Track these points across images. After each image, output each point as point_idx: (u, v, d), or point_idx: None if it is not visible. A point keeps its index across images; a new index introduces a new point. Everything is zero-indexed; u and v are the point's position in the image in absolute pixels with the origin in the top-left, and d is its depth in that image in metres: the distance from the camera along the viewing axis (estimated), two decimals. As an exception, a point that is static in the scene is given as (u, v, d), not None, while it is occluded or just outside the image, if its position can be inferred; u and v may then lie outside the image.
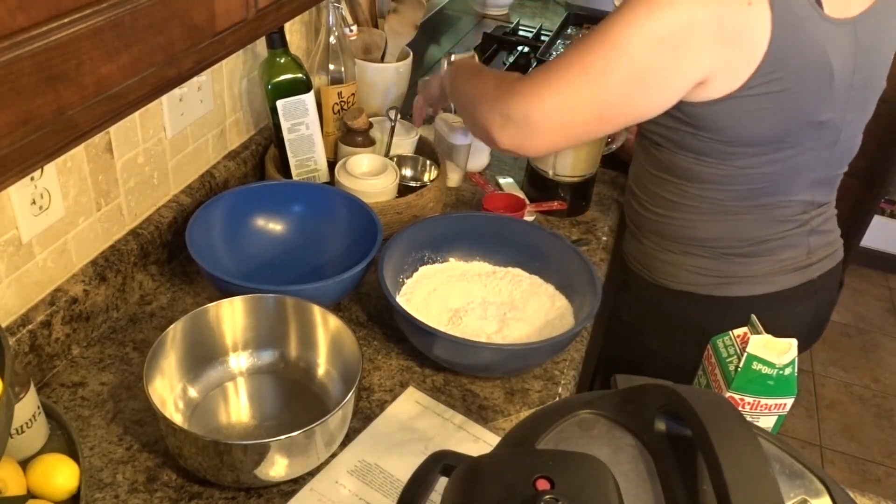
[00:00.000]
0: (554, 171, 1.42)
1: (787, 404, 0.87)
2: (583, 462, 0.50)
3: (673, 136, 1.08)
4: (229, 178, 1.31)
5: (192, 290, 1.18)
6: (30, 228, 0.94)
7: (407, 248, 1.17)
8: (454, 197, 1.47)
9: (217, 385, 1.01)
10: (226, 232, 1.18)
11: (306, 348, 1.03)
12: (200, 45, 0.65)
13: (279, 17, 0.79)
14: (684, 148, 1.08)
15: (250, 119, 1.38)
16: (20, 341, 0.95)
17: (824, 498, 0.56)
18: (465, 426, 1.01)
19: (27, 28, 0.47)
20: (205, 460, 0.85)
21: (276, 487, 0.90)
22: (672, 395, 0.54)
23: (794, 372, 0.85)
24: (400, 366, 1.09)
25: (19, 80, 0.47)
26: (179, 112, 1.16)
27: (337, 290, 1.09)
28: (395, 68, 1.51)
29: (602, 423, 0.58)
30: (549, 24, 2.26)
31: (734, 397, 0.87)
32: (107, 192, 1.06)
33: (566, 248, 1.16)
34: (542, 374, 1.10)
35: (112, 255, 1.08)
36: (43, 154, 0.53)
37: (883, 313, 3.09)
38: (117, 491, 0.89)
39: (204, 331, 0.99)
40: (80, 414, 0.97)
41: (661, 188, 1.16)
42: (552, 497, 0.46)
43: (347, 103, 1.37)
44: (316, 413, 0.88)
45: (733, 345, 0.88)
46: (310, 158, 1.32)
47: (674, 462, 0.53)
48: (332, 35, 1.33)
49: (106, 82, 0.55)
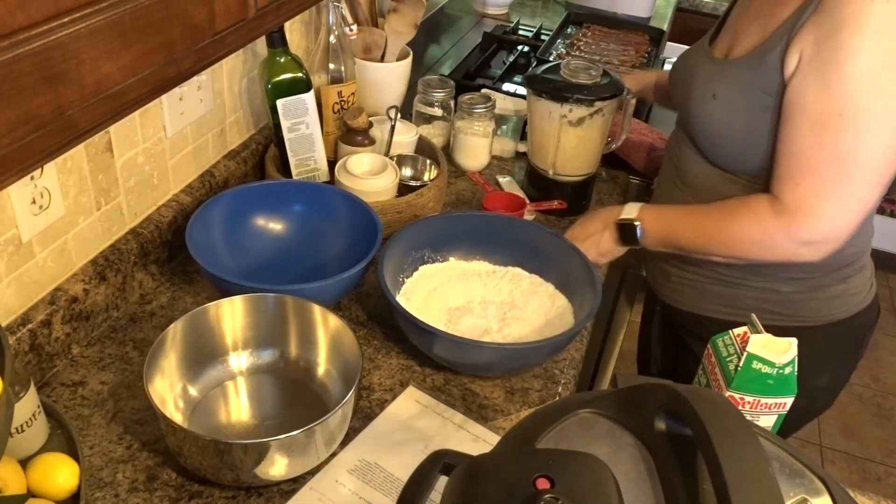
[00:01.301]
0: (554, 170, 1.42)
1: (787, 403, 0.87)
2: (583, 461, 0.50)
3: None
4: (229, 178, 1.31)
5: (192, 289, 1.18)
6: (30, 227, 0.94)
7: (407, 248, 1.17)
8: (454, 196, 1.47)
9: (217, 384, 1.01)
10: (226, 231, 1.18)
11: (306, 348, 1.03)
12: (200, 44, 0.65)
13: (279, 17, 0.79)
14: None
15: (250, 118, 1.38)
16: (20, 340, 0.95)
17: (824, 497, 0.56)
18: (465, 425, 1.01)
19: (27, 27, 0.47)
20: (205, 459, 0.85)
21: (277, 487, 0.90)
22: (672, 394, 0.54)
23: (794, 371, 0.85)
24: (400, 365, 1.09)
25: (19, 80, 0.47)
26: (179, 111, 1.16)
27: (337, 290, 1.09)
28: (395, 68, 1.51)
29: (602, 422, 0.58)
30: (549, 24, 2.25)
31: (734, 396, 0.87)
32: (107, 192, 1.06)
33: (566, 248, 1.16)
34: (542, 374, 1.10)
35: (112, 255, 1.08)
36: (43, 153, 0.53)
37: (883, 313, 3.07)
38: (117, 490, 0.89)
39: (204, 330, 0.99)
40: (80, 413, 0.97)
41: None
42: (552, 496, 0.46)
43: (347, 102, 1.37)
44: (316, 412, 0.88)
45: (733, 344, 0.88)
46: (310, 158, 1.32)
47: (674, 462, 0.53)
48: (332, 34, 1.33)
49: (106, 82, 0.55)
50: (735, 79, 1.09)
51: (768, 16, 1.07)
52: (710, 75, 1.14)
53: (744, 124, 1.08)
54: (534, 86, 1.37)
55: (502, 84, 1.84)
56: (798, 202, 1.01)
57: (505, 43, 2.10)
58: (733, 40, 1.15)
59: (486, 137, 1.52)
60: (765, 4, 1.09)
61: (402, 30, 1.49)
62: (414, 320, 1.01)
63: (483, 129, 1.51)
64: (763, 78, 1.04)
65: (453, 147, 1.55)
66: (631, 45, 2.07)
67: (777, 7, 1.06)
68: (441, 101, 1.56)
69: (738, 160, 1.12)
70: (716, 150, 1.14)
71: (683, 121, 1.22)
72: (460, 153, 1.54)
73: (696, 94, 1.15)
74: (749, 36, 1.10)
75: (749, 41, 1.10)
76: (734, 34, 1.15)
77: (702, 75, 1.16)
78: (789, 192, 1.02)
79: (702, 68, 1.17)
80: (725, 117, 1.10)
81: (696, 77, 1.17)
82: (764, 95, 1.05)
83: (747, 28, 1.11)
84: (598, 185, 1.52)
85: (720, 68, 1.13)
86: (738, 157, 1.12)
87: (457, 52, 2.07)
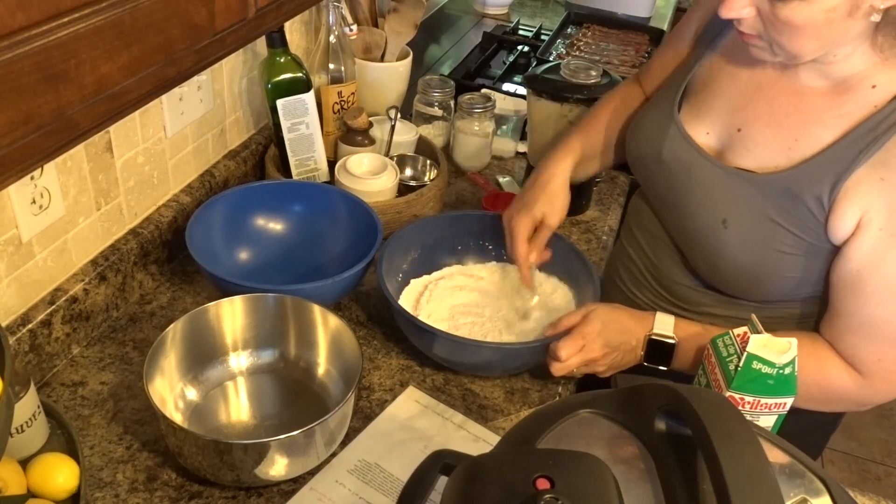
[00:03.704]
0: (554, 170, 1.42)
1: (787, 403, 0.87)
2: (583, 461, 0.50)
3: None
4: (229, 178, 1.31)
5: (191, 289, 1.18)
6: (30, 227, 0.94)
7: (407, 247, 1.17)
8: (454, 196, 1.47)
9: (217, 384, 1.01)
10: (226, 231, 1.18)
11: (306, 348, 1.03)
12: (200, 44, 0.65)
13: (279, 17, 0.79)
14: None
15: (250, 118, 1.38)
16: (20, 340, 0.95)
17: (824, 497, 0.56)
18: (465, 425, 1.01)
19: (27, 27, 0.47)
20: (205, 460, 0.85)
21: (277, 487, 0.90)
22: (672, 394, 0.54)
23: (794, 371, 0.85)
24: (400, 365, 1.09)
25: (19, 80, 0.47)
26: (179, 111, 1.16)
27: (337, 290, 1.09)
28: (395, 68, 1.51)
29: (602, 422, 0.58)
30: (549, 24, 2.25)
31: (734, 397, 0.87)
32: (107, 192, 1.06)
33: (567, 248, 1.16)
34: (542, 374, 1.10)
35: (112, 255, 1.08)
36: (43, 153, 0.53)
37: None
38: (117, 490, 0.89)
39: (204, 330, 0.99)
40: (80, 413, 0.97)
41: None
42: (552, 496, 0.46)
43: (347, 103, 1.37)
44: (316, 412, 0.88)
45: (733, 344, 0.88)
46: (310, 158, 1.32)
47: (674, 462, 0.53)
48: (332, 34, 1.33)
49: (106, 82, 0.55)
50: (753, 209, 0.93)
51: (794, 129, 0.92)
52: (712, 190, 0.97)
53: (761, 262, 0.94)
54: (534, 86, 1.37)
55: (502, 84, 1.85)
56: (882, 373, 0.92)
57: (505, 43, 2.10)
58: (727, 133, 0.98)
59: (486, 137, 1.52)
60: (783, 106, 0.94)
61: (402, 30, 1.49)
62: (414, 320, 1.01)
63: (483, 129, 1.51)
64: (793, 217, 0.91)
65: (453, 147, 1.55)
66: (631, 45, 2.07)
67: (807, 124, 0.91)
68: (441, 101, 1.56)
69: (745, 291, 1.00)
70: (719, 279, 1.01)
71: (672, 230, 1.06)
72: (460, 153, 1.54)
73: (699, 213, 0.98)
74: (761, 146, 0.94)
75: (763, 154, 0.94)
76: (726, 124, 0.98)
77: (702, 185, 0.98)
78: (870, 362, 0.92)
79: (700, 172, 0.98)
80: (741, 254, 0.95)
81: (694, 183, 0.98)
82: (794, 238, 0.91)
83: (755, 131, 0.95)
84: (598, 186, 1.52)
85: (727, 185, 0.95)
86: (745, 289, 0.99)
87: (457, 52, 2.07)
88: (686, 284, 1.07)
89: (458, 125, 1.52)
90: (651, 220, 1.10)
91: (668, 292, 1.09)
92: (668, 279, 1.09)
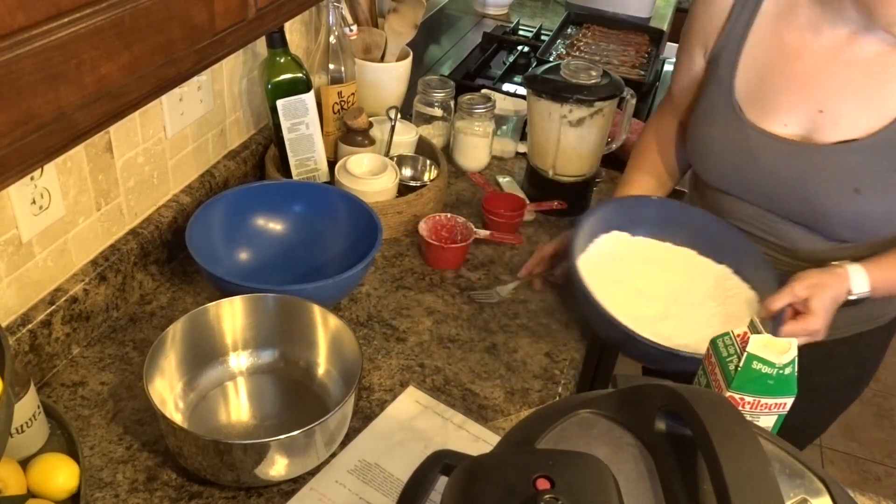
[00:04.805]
0: (554, 170, 1.42)
1: (787, 404, 0.87)
2: (583, 462, 0.50)
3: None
4: (229, 178, 1.31)
5: (191, 289, 1.18)
6: (30, 228, 0.94)
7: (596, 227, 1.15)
8: (454, 196, 1.47)
9: (217, 385, 1.01)
10: (226, 231, 1.18)
11: (306, 348, 1.03)
12: (200, 44, 0.65)
13: (279, 17, 0.79)
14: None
15: (250, 119, 1.38)
16: (20, 341, 0.95)
17: (824, 498, 0.56)
18: (465, 426, 1.01)
19: (27, 27, 0.47)
20: (205, 460, 0.85)
21: (277, 487, 0.90)
22: (672, 394, 0.54)
23: (794, 371, 0.85)
24: (400, 365, 1.09)
25: (19, 80, 0.47)
26: (179, 112, 1.16)
27: (337, 290, 1.09)
28: (395, 68, 1.51)
29: (602, 422, 0.58)
30: (549, 24, 2.25)
31: (734, 397, 0.87)
32: (107, 192, 1.06)
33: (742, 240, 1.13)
34: (542, 374, 1.10)
35: (112, 255, 1.08)
36: (43, 154, 0.53)
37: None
38: (117, 490, 0.89)
39: (204, 330, 0.99)
40: (80, 413, 0.97)
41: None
42: (552, 496, 0.46)
43: (347, 103, 1.37)
44: (316, 413, 0.88)
45: (733, 344, 0.88)
46: (310, 158, 1.32)
47: (674, 462, 0.53)
48: (332, 35, 1.33)
49: (106, 82, 0.55)
50: (877, 169, 1.02)
51: (876, 92, 1.01)
52: (827, 170, 1.04)
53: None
54: (534, 86, 1.37)
55: (502, 84, 1.85)
56: None
57: (505, 43, 2.10)
58: (808, 118, 1.05)
59: (486, 137, 1.52)
60: (857, 76, 1.02)
61: (401, 30, 1.49)
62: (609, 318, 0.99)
63: (483, 129, 1.51)
64: None
65: (453, 147, 1.55)
66: (631, 46, 2.07)
67: (888, 82, 1.00)
68: (441, 102, 1.56)
69: (882, 235, 1.08)
70: (863, 239, 1.08)
71: (793, 214, 1.11)
72: (460, 153, 1.54)
73: (824, 191, 1.05)
74: (846, 117, 1.02)
75: (851, 124, 1.02)
76: (804, 109, 1.05)
77: (815, 168, 1.05)
78: None
79: (807, 161, 1.05)
80: (880, 213, 1.04)
81: (806, 171, 1.05)
82: None
83: (838, 105, 1.03)
84: (598, 186, 1.52)
85: (838, 160, 1.03)
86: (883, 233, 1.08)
87: (457, 53, 2.07)
88: (813, 245, 1.11)
89: (458, 125, 1.52)
90: (742, 211, 1.15)
91: (790, 253, 1.14)
92: (792, 246, 1.12)
